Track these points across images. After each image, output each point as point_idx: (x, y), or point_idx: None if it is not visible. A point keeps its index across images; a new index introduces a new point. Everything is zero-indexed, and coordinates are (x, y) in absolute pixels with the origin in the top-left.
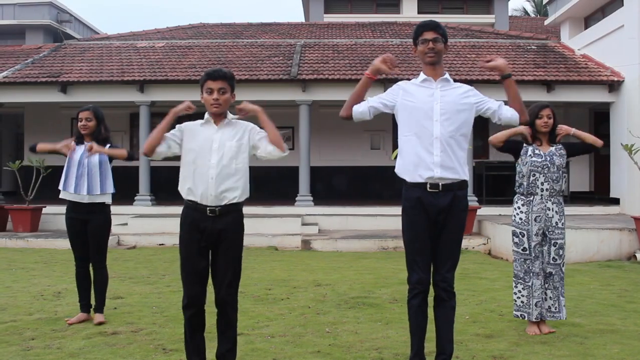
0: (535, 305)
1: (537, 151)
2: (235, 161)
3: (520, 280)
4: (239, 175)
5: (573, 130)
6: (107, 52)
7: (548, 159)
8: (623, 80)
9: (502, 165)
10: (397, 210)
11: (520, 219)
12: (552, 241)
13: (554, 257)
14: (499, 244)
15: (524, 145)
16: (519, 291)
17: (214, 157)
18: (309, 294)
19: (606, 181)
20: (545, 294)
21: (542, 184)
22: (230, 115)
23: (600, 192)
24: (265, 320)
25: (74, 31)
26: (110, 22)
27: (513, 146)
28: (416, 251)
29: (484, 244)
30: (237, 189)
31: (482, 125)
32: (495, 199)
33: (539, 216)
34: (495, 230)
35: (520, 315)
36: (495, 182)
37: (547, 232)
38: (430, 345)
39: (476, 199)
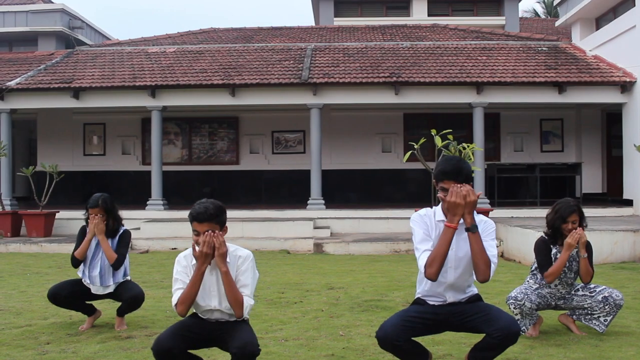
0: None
1: (558, 255)
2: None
3: (512, 300)
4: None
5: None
6: (119, 57)
7: (567, 264)
8: (635, 81)
9: (514, 167)
10: (409, 213)
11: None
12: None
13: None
14: (512, 246)
15: (551, 245)
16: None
17: (214, 301)
18: (322, 297)
19: (619, 182)
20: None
21: (555, 286)
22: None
23: (613, 194)
24: (278, 323)
25: (85, 37)
26: (116, 25)
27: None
28: None
29: (497, 246)
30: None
31: (493, 127)
32: (507, 201)
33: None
34: (508, 233)
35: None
36: (507, 183)
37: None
38: (438, 349)
39: (488, 201)
